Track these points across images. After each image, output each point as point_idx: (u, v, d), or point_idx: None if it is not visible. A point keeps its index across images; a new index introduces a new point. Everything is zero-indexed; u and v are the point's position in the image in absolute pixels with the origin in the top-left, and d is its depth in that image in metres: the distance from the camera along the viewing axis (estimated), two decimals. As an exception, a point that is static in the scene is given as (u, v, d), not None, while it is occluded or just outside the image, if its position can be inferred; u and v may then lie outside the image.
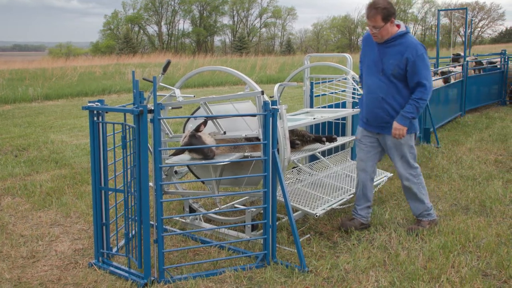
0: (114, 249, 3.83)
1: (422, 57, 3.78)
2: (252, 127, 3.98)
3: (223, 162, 3.64)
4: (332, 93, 5.84)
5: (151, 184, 3.51)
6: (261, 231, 4.00)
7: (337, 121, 5.65)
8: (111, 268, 3.53)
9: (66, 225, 4.54)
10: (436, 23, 12.70)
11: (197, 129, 3.77)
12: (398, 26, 3.86)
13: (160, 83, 4.17)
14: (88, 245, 4.05)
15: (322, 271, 3.44)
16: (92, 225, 3.96)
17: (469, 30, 17.65)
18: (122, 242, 3.95)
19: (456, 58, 12.53)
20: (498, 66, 12.87)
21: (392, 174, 5.30)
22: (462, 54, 12.59)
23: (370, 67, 4.00)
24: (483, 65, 12.84)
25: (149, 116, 3.27)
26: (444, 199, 5.07)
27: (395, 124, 3.92)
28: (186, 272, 3.46)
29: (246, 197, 4.90)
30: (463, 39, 13.17)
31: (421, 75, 3.79)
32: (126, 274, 3.43)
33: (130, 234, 3.55)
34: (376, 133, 4.11)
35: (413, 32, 69.93)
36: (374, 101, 4.00)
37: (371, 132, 4.14)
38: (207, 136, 3.81)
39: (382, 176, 5.13)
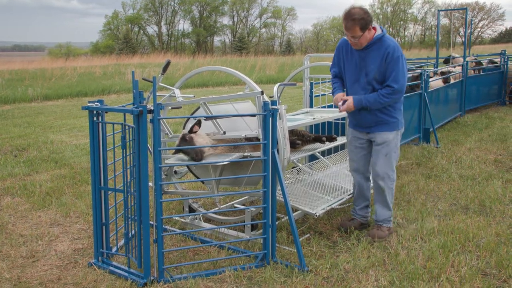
0: (114, 249, 3.83)
1: (397, 60, 3.75)
2: (251, 127, 3.98)
3: (223, 162, 3.64)
4: (331, 93, 5.83)
5: (150, 184, 3.51)
6: (261, 230, 4.00)
7: (337, 121, 5.66)
8: (111, 268, 3.53)
9: (66, 225, 4.55)
10: (436, 23, 12.68)
11: (191, 130, 3.77)
12: (374, 28, 3.80)
13: (160, 83, 4.18)
14: (87, 244, 4.06)
15: (322, 271, 3.45)
16: (92, 224, 3.97)
17: (469, 31, 17.64)
18: (121, 242, 3.95)
19: (448, 60, 12.52)
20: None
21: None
22: (454, 55, 12.58)
23: (353, 73, 3.96)
24: (482, 65, 12.83)
25: (149, 116, 3.28)
26: (444, 199, 5.08)
27: (350, 99, 3.89)
28: (186, 272, 3.46)
29: (246, 197, 4.90)
30: (463, 39, 13.16)
31: (391, 78, 3.77)
32: (126, 274, 3.43)
33: (130, 234, 3.56)
34: (366, 133, 4.09)
35: (413, 33, 69.98)
36: None
37: (361, 133, 4.12)
38: (200, 137, 3.81)
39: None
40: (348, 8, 3.75)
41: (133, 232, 3.55)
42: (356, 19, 3.65)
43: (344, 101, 3.94)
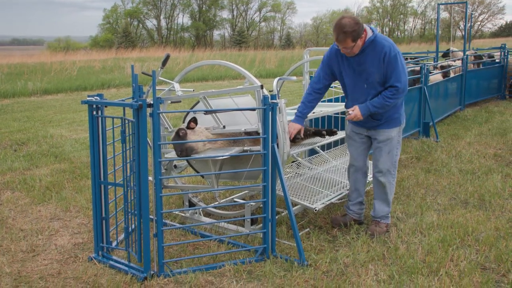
0: (114, 243, 3.83)
1: (395, 59, 3.70)
2: (251, 121, 3.98)
3: (223, 156, 3.64)
4: (331, 87, 5.82)
5: (150, 178, 3.51)
6: (261, 225, 4.00)
7: (337, 115, 5.64)
8: (111, 262, 3.54)
9: (66, 219, 4.55)
10: (436, 17, 12.63)
11: (188, 126, 3.77)
12: (364, 31, 3.71)
13: (159, 77, 4.16)
14: (87, 239, 4.06)
15: (322, 265, 3.45)
16: (92, 219, 3.96)
17: (469, 24, 17.58)
18: (121, 236, 3.96)
19: (446, 54, 12.51)
20: (497, 60, 12.84)
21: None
22: (453, 49, 12.56)
23: (353, 79, 3.90)
24: (482, 59, 12.80)
25: (148, 110, 3.26)
26: (443, 193, 5.08)
27: (357, 108, 3.84)
28: (186, 266, 3.47)
29: (246, 191, 4.90)
30: (463, 33, 13.13)
31: (393, 78, 3.72)
32: (126, 268, 3.43)
33: (130, 228, 3.56)
34: (367, 129, 4.07)
35: (413, 26, 69.76)
36: None
37: (360, 129, 4.10)
38: (194, 134, 3.79)
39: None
40: (338, 19, 3.67)
41: (133, 226, 3.55)
42: (348, 32, 3.58)
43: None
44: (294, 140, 4.43)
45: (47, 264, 3.60)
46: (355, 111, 3.85)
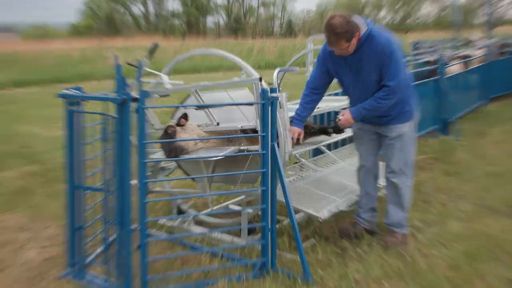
0: (91, 257, 3.79)
1: (390, 56, 3.67)
2: (248, 118, 3.97)
3: (216, 156, 3.62)
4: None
5: (134, 181, 3.46)
6: (259, 235, 3.95)
7: (344, 110, 5.59)
8: (87, 279, 3.50)
9: (36, 229, 4.52)
10: (453, 2, 12.64)
11: (178, 123, 3.79)
12: (358, 26, 3.69)
13: (146, 69, 4.14)
14: (60, 252, 4.00)
15: (329, 282, 3.41)
16: (66, 229, 3.90)
17: (491, 10, 17.65)
18: (99, 249, 3.90)
19: (468, 42, 12.54)
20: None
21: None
22: (474, 37, 12.57)
23: (351, 78, 3.90)
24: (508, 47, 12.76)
25: (133, 105, 3.25)
26: (467, 199, 5.04)
27: (347, 112, 3.91)
28: (174, 283, 3.42)
29: (242, 197, 4.87)
30: (484, 19, 13.17)
31: (386, 76, 3.72)
32: (106, 285, 3.40)
33: (109, 240, 3.52)
34: (375, 126, 4.06)
35: (428, 13, 70.08)
36: None
37: (368, 126, 4.10)
38: (185, 132, 3.80)
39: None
40: (327, 19, 3.65)
41: (113, 237, 3.50)
42: (340, 33, 3.57)
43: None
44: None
45: (12, 283, 3.54)
46: (346, 116, 3.91)
